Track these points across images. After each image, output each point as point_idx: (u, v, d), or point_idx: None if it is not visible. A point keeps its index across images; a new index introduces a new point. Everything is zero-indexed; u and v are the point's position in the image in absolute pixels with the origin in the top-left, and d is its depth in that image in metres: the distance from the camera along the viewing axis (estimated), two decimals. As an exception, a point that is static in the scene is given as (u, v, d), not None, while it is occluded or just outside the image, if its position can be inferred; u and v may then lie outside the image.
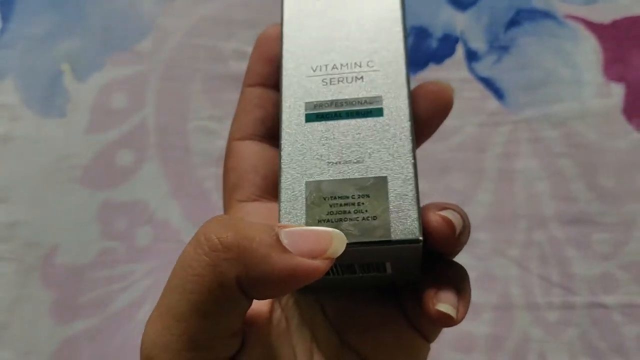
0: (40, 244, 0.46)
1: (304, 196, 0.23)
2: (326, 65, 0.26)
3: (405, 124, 0.24)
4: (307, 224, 0.23)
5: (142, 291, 0.45)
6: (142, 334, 0.21)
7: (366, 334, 0.27)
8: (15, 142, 0.49)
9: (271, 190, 0.27)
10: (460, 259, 0.24)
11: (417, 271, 0.25)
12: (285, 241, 0.20)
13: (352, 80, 0.25)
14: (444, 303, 0.23)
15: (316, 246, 0.21)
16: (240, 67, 0.51)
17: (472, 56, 0.52)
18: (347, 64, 0.26)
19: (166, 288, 0.21)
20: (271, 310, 0.26)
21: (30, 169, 0.48)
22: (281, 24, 0.27)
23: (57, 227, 0.47)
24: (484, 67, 0.51)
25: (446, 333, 0.42)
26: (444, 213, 0.23)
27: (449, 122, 0.28)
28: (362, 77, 0.25)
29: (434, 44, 0.52)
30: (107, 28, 0.53)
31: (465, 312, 0.24)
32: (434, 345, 0.27)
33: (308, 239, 0.21)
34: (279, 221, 0.23)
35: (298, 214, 0.23)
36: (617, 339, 0.43)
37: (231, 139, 0.29)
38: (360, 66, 0.26)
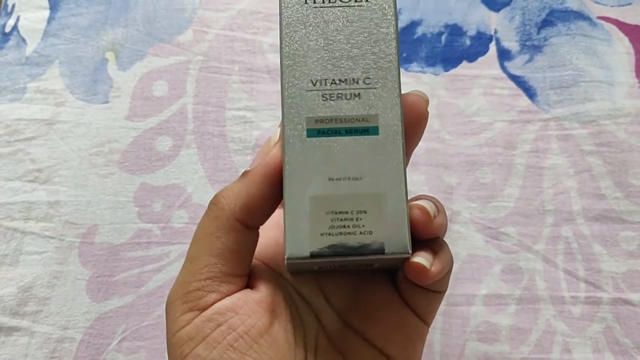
0: (79, 223, 0.47)
1: (307, 210, 0.26)
2: (325, 80, 0.27)
3: (398, 144, 0.26)
4: (312, 236, 0.25)
5: (175, 272, 0.45)
6: None
7: (367, 315, 0.29)
8: (59, 126, 0.50)
9: None
10: (488, 250, 0.25)
11: (400, 265, 0.27)
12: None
13: (350, 97, 0.27)
14: (418, 257, 0.26)
15: (263, 152, 0.27)
16: (276, 60, 0.53)
17: (504, 55, 0.52)
18: (345, 80, 0.27)
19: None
20: (283, 305, 0.28)
21: (72, 152, 0.49)
22: (280, 32, 0.28)
23: (96, 208, 0.47)
24: (516, 65, 0.52)
25: (470, 323, 0.43)
26: (417, 202, 0.26)
27: (479, 118, 0.29)
28: (359, 94, 0.27)
29: (467, 42, 0.52)
30: (150, 20, 0.54)
31: (441, 270, 0.26)
32: (457, 335, 0.27)
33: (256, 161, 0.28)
34: (284, 235, 0.25)
35: (302, 227, 0.25)
36: (641, 335, 0.43)
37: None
38: (357, 83, 0.27)
